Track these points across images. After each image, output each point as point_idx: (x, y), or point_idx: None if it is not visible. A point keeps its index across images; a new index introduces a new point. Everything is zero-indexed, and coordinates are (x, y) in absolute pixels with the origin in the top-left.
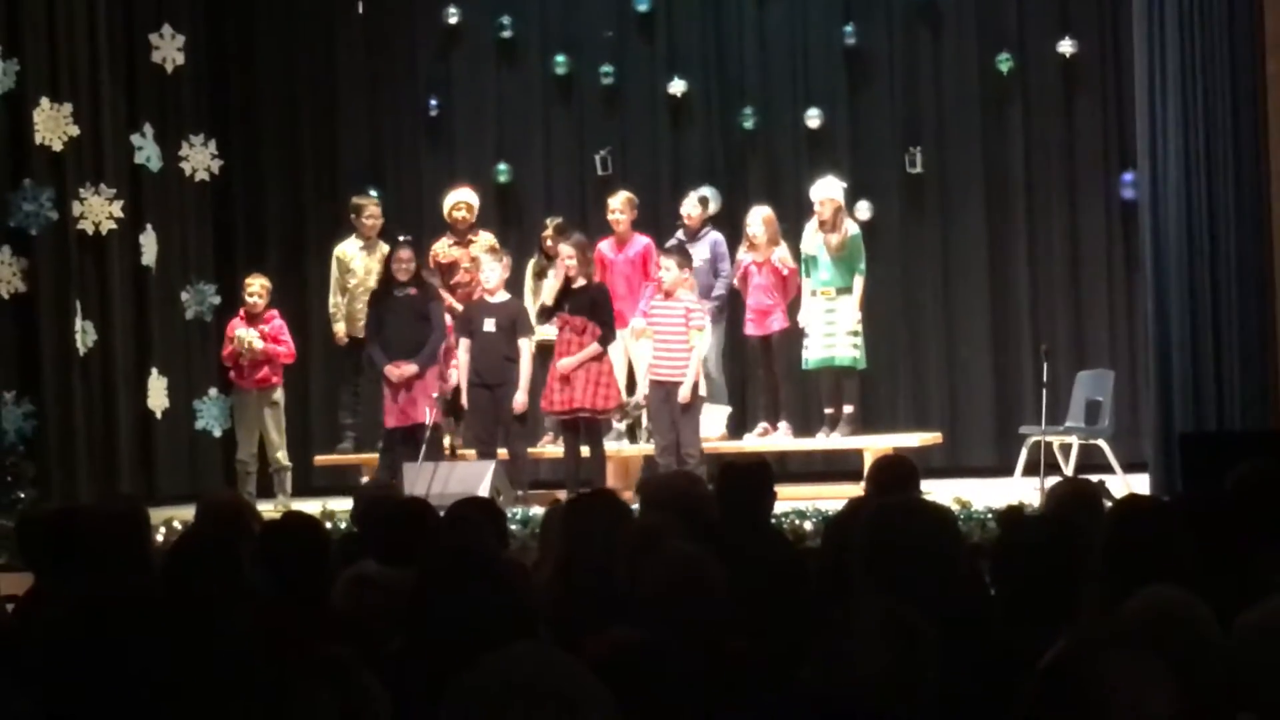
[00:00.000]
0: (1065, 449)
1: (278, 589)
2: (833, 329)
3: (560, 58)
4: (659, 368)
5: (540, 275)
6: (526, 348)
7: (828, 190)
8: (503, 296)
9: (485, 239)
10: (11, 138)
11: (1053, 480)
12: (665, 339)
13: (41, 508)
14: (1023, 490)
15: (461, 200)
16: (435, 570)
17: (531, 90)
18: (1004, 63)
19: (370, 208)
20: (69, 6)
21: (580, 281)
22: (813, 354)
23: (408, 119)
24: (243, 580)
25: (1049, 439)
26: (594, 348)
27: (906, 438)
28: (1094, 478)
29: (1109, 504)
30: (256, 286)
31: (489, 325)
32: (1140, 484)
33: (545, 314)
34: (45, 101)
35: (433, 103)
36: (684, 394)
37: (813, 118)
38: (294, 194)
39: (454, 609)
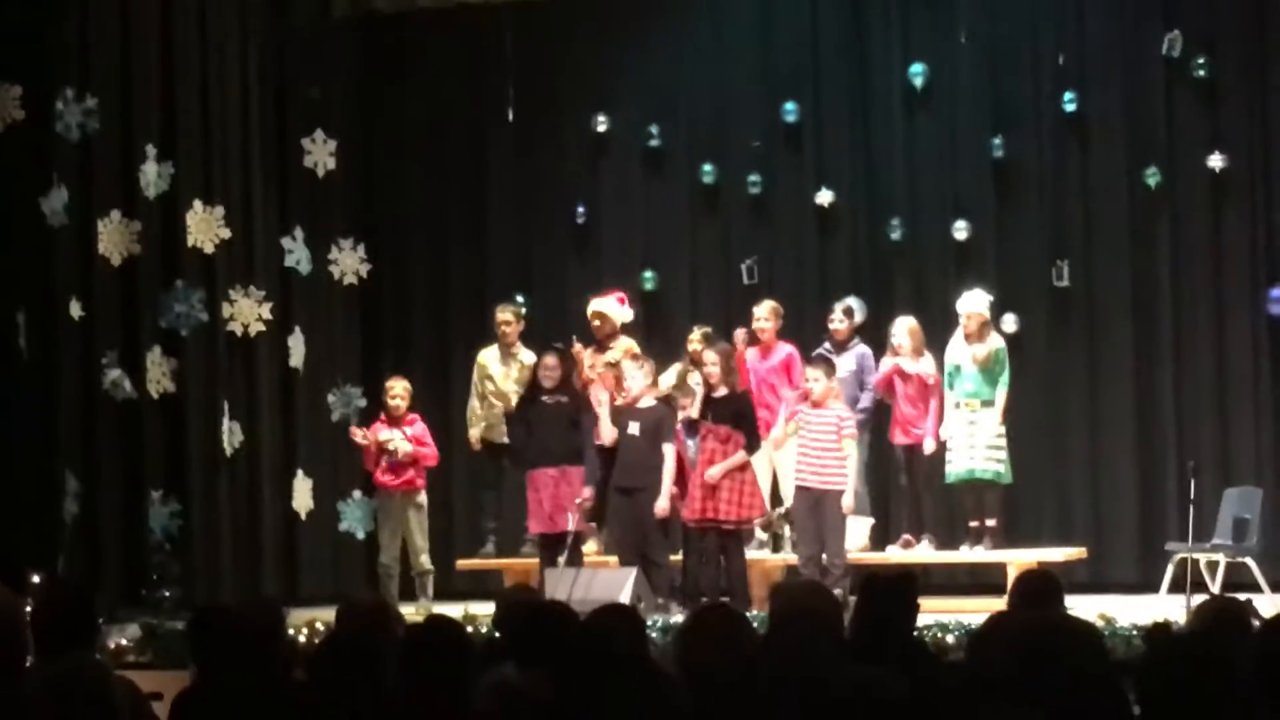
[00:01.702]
0: (1212, 566)
1: (420, 693)
2: (975, 441)
3: (708, 166)
4: (807, 475)
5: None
6: (670, 453)
7: (974, 303)
8: (648, 402)
9: (626, 344)
10: (165, 239)
11: (1199, 598)
12: (815, 447)
13: (206, 607)
14: (1168, 608)
15: (596, 309)
16: (577, 675)
17: (679, 199)
18: (1152, 176)
19: (501, 315)
20: (223, 111)
21: (723, 390)
22: (956, 467)
23: (556, 226)
24: (385, 684)
25: (1195, 556)
26: (740, 456)
27: (1050, 552)
28: (1241, 596)
29: (1257, 623)
30: (399, 389)
31: (633, 429)
32: None
33: (690, 427)
34: (198, 204)
35: (580, 210)
36: (848, 502)
37: (960, 230)
38: (441, 299)
39: (599, 712)
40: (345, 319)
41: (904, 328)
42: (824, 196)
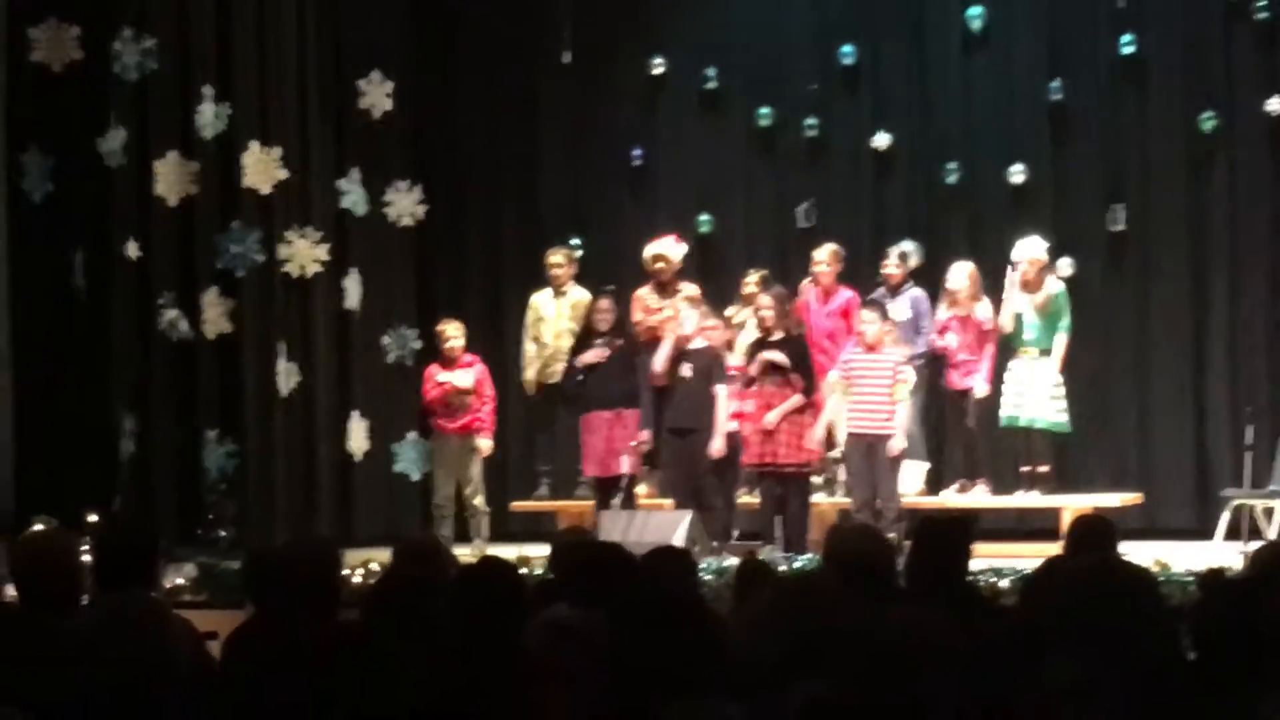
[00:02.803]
0: (1268, 513)
1: (473, 631)
2: (1034, 389)
3: (764, 109)
4: (860, 421)
5: (740, 326)
6: (723, 394)
7: (1030, 250)
8: (699, 343)
9: (688, 290)
10: (222, 180)
11: (1255, 545)
12: (868, 392)
13: (262, 546)
14: (1224, 554)
15: (659, 253)
16: (630, 616)
17: (735, 141)
18: (1207, 121)
19: (552, 257)
20: (280, 52)
21: (778, 334)
22: (1009, 411)
23: (611, 168)
24: (439, 622)
25: (1252, 502)
26: (797, 399)
27: (1106, 497)
28: None
29: None
30: (452, 331)
31: (685, 371)
32: None
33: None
34: (255, 145)
35: (636, 152)
36: (896, 445)
37: (1017, 173)
38: (496, 241)
39: (652, 654)
40: (401, 261)
41: (962, 272)
42: (880, 140)
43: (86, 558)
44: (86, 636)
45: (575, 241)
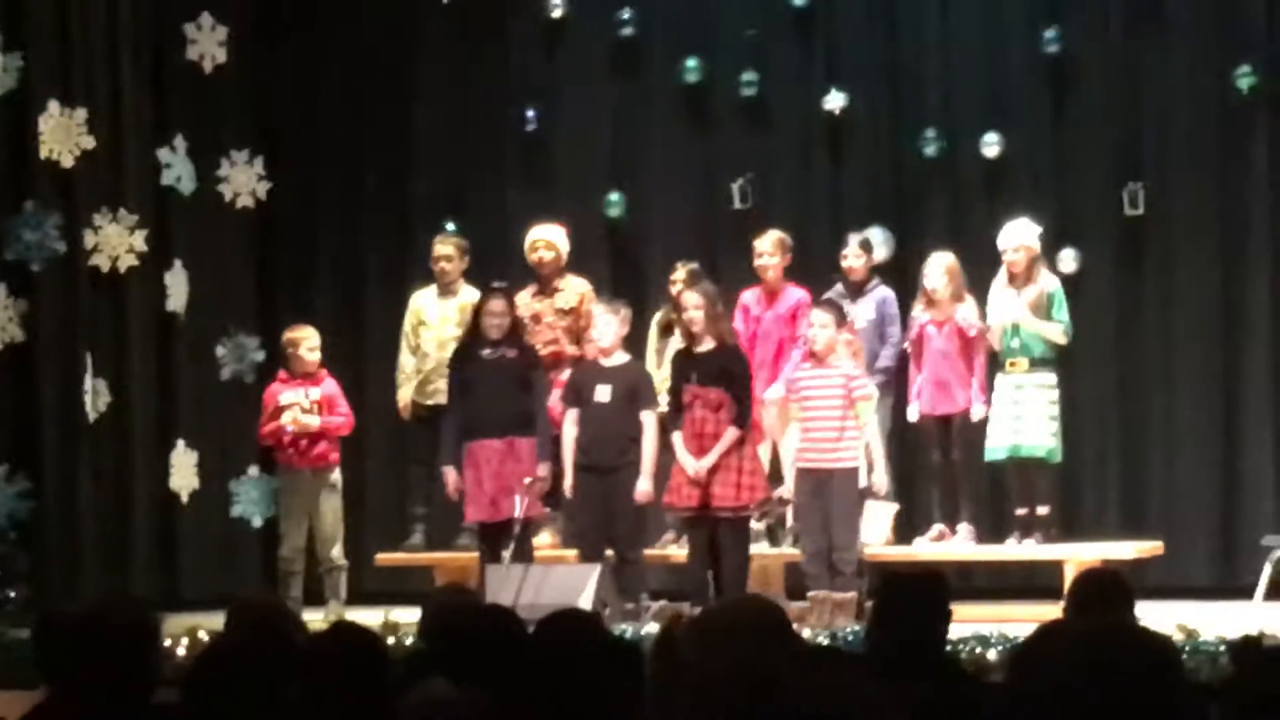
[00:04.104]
0: None
1: (324, 716)
2: (1025, 410)
3: (691, 62)
4: (810, 452)
5: (668, 331)
6: (650, 423)
7: (1020, 236)
8: (620, 359)
9: (575, 286)
10: (11, 150)
11: None
12: (818, 416)
13: (59, 610)
14: (1266, 617)
15: (539, 239)
16: (522, 695)
17: (654, 102)
18: (1244, 78)
19: (440, 249)
20: None
21: (709, 342)
22: (998, 441)
23: (499, 135)
24: (281, 706)
25: None
26: (731, 434)
27: (1118, 547)
28: None
29: None
30: (311, 339)
31: (602, 394)
32: None
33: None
34: (54, 105)
35: (529, 115)
36: (879, 480)
37: (1002, 144)
38: (356, 226)
39: None
40: (238, 251)
41: (940, 266)
42: (836, 100)
43: None
44: None
45: (451, 227)
